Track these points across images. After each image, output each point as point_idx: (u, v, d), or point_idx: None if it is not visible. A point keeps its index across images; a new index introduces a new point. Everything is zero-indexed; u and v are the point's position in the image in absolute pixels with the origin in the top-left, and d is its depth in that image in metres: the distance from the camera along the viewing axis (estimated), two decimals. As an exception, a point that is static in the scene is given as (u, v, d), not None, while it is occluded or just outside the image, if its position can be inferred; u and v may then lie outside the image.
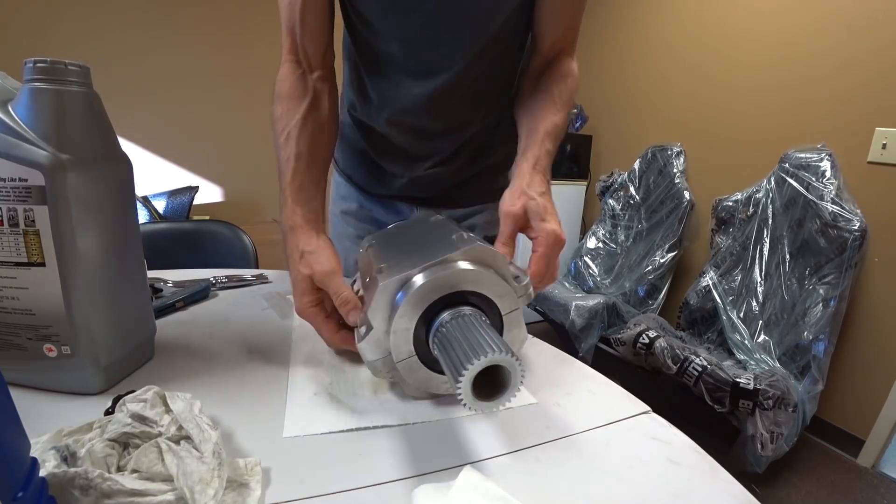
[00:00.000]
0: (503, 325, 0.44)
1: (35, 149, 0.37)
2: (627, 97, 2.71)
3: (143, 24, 2.27)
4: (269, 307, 0.70)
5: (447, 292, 0.41)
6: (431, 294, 0.40)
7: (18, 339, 0.41)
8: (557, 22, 0.68)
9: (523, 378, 0.34)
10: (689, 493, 0.36)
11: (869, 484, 1.66)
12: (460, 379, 0.33)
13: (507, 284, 0.43)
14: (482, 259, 0.42)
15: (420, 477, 0.36)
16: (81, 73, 0.40)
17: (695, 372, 1.60)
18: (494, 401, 0.35)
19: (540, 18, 0.67)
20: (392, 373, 0.43)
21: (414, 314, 0.41)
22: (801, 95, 1.91)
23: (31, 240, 0.38)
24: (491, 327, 0.38)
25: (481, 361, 0.32)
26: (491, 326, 0.38)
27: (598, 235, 2.65)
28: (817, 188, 1.75)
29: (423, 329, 0.41)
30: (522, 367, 0.34)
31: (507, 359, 0.33)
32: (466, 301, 0.41)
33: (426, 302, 0.40)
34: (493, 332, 0.36)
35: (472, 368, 0.32)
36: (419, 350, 0.42)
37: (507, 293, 0.43)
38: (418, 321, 0.41)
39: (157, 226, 1.36)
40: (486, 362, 0.32)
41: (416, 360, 0.42)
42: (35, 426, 0.32)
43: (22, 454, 0.24)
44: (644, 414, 0.47)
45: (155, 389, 0.36)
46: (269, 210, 2.78)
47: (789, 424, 1.49)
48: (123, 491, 0.27)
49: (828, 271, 1.69)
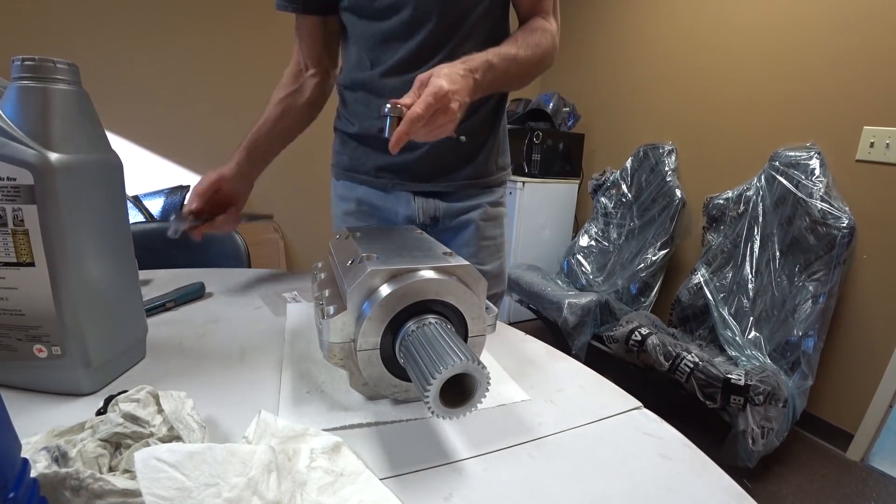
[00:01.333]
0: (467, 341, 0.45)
1: (23, 147, 0.37)
2: (619, 96, 2.72)
3: (134, 21, 2.25)
4: (262, 305, 0.69)
5: (432, 298, 0.41)
6: (420, 294, 0.41)
7: (8, 339, 0.41)
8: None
9: (489, 386, 0.35)
10: (680, 487, 0.37)
11: (858, 477, 1.68)
12: (429, 387, 0.33)
13: (482, 310, 0.44)
14: (468, 277, 0.43)
15: (414, 473, 0.36)
16: (70, 71, 0.40)
17: (686, 368, 1.62)
18: (460, 408, 0.36)
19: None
20: (346, 361, 0.43)
21: (398, 307, 0.41)
22: (791, 94, 1.93)
23: (20, 239, 0.38)
24: (458, 336, 0.39)
25: (449, 370, 0.33)
26: (458, 336, 0.39)
27: (591, 233, 2.66)
28: (806, 186, 1.77)
29: (391, 328, 0.42)
30: (488, 375, 0.35)
31: (474, 367, 0.34)
32: (437, 311, 0.42)
33: (414, 299, 0.41)
34: (460, 342, 0.37)
35: (439, 377, 0.33)
36: (383, 345, 0.42)
37: (480, 318, 0.45)
38: (392, 319, 0.41)
39: (148, 225, 1.35)
40: (454, 370, 0.33)
41: (377, 354, 0.42)
42: (26, 427, 0.32)
43: (13, 455, 0.23)
44: (636, 409, 0.47)
45: (148, 389, 0.36)
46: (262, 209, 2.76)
47: (780, 419, 1.51)
48: (115, 491, 0.27)
49: (817, 268, 1.71)
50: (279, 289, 0.77)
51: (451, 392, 0.36)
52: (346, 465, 0.34)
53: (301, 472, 0.33)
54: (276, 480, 0.29)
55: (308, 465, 0.33)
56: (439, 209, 0.84)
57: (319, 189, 0.92)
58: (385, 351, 0.42)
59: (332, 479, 0.33)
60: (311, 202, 2.52)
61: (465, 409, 0.36)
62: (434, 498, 0.34)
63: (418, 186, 0.83)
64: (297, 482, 0.32)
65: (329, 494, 0.32)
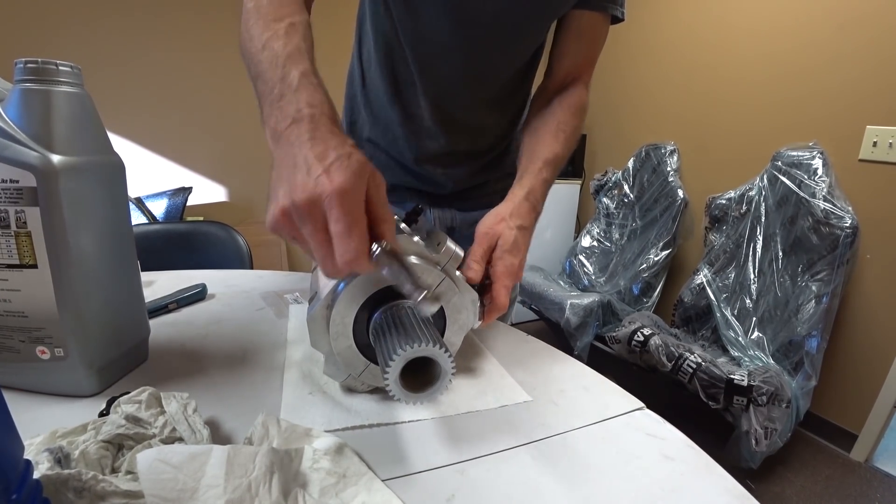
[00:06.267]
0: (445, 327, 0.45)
1: (26, 150, 0.37)
2: (621, 96, 2.71)
3: (137, 23, 2.25)
4: (264, 307, 0.70)
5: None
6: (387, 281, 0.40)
7: (11, 341, 0.41)
8: (578, 51, 0.68)
9: (453, 373, 0.35)
10: (683, 488, 0.36)
11: (862, 478, 1.67)
12: (389, 365, 0.33)
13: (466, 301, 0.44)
14: (452, 268, 0.43)
15: (416, 474, 0.36)
16: (72, 73, 0.40)
17: (689, 369, 1.61)
18: (423, 393, 0.35)
19: (561, 43, 0.68)
20: (318, 339, 0.43)
21: (373, 288, 0.41)
22: (793, 94, 1.92)
23: (22, 241, 0.38)
24: (432, 324, 0.38)
25: (411, 352, 0.33)
26: (429, 321, 0.39)
27: (593, 234, 2.66)
28: (809, 186, 1.76)
29: (366, 309, 0.42)
30: (454, 362, 0.34)
31: (439, 352, 0.33)
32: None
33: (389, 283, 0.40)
34: (431, 328, 0.37)
35: (401, 357, 0.33)
36: (357, 328, 0.42)
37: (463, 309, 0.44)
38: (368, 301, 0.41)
39: (150, 227, 1.35)
40: (417, 353, 0.33)
41: (349, 331, 0.42)
42: (29, 428, 0.32)
43: (16, 456, 0.23)
44: (639, 410, 0.47)
45: (150, 390, 0.36)
46: (263, 211, 2.76)
47: (783, 420, 1.50)
48: (117, 492, 0.27)
49: (820, 268, 1.70)
50: (281, 290, 0.77)
51: (419, 380, 0.35)
52: (349, 467, 0.34)
53: (303, 474, 0.33)
54: (278, 482, 0.29)
55: (310, 467, 0.33)
56: (455, 219, 0.82)
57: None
58: (361, 337, 0.42)
59: (335, 480, 0.33)
60: (313, 203, 2.52)
61: (426, 397, 0.35)
62: (436, 499, 0.34)
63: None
64: (299, 483, 0.32)
65: (332, 496, 0.32)
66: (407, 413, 0.44)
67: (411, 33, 0.66)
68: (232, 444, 0.31)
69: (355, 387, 0.46)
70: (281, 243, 2.70)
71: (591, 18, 0.66)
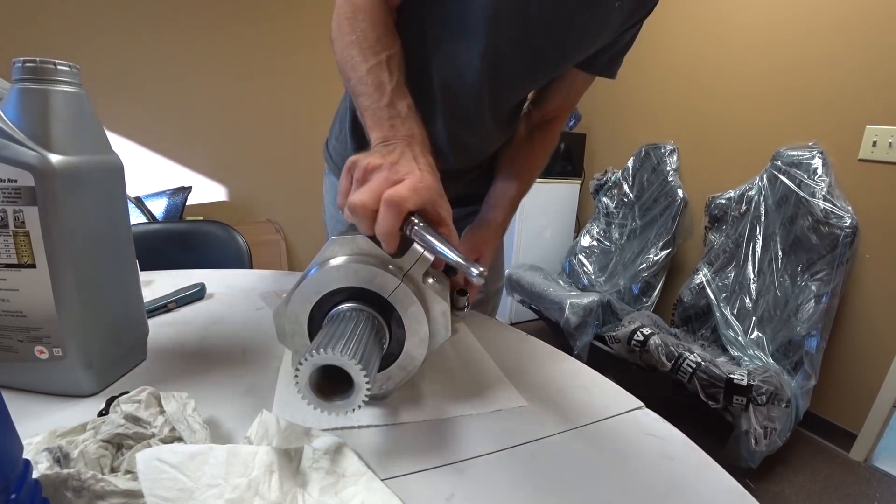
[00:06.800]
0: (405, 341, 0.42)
1: (24, 149, 0.37)
2: (621, 96, 2.71)
3: (136, 21, 2.25)
4: (263, 306, 0.69)
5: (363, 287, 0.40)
6: (345, 279, 0.40)
7: (9, 341, 0.41)
8: (566, 99, 0.77)
9: (368, 389, 0.33)
10: (683, 487, 0.36)
11: (861, 478, 1.67)
12: (298, 368, 0.32)
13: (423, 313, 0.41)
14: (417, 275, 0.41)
15: (415, 474, 0.36)
16: (71, 73, 0.40)
17: (689, 368, 1.61)
18: (332, 404, 0.34)
19: (551, 88, 0.75)
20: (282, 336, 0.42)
21: (329, 286, 0.40)
22: (793, 93, 1.93)
23: (21, 241, 0.38)
24: (374, 337, 0.37)
25: (318, 358, 0.31)
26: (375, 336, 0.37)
27: (593, 233, 2.66)
28: (809, 185, 1.76)
29: (322, 307, 0.41)
30: (370, 379, 0.32)
31: (347, 362, 0.32)
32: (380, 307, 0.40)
33: (341, 283, 0.40)
34: (369, 341, 0.35)
35: (310, 361, 0.32)
36: (312, 325, 0.41)
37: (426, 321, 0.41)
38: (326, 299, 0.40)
39: (150, 226, 1.35)
40: (322, 360, 0.32)
41: (303, 327, 0.41)
42: (28, 428, 0.32)
43: (15, 456, 0.23)
44: (638, 410, 0.47)
45: (149, 390, 0.36)
46: (262, 210, 2.77)
47: (783, 419, 1.50)
48: (117, 492, 0.27)
49: (820, 268, 1.70)
50: (281, 290, 0.77)
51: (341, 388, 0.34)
52: (348, 466, 0.34)
53: (303, 473, 0.33)
54: (277, 481, 0.29)
55: (310, 466, 0.33)
56: None
57: (321, 190, 0.92)
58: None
59: (334, 479, 0.33)
60: (313, 203, 2.51)
61: (334, 407, 0.34)
62: (436, 499, 0.34)
63: None
64: (298, 483, 0.32)
65: (331, 495, 0.32)
66: (404, 414, 0.44)
67: (443, 63, 0.66)
68: (231, 444, 0.31)
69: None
70: (280, 243, 2.70)
71: (587, 79, 0.73)
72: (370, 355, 0.35)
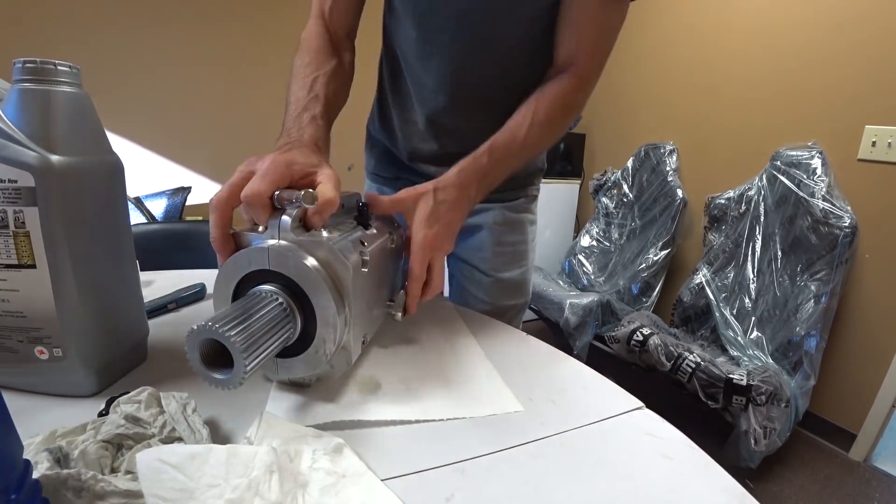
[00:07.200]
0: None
1: (24, 150, 0.37)
2: (620, 96, 2.72)
3: (136, 22, 2.24)
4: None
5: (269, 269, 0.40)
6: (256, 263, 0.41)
7: (9, 341, 0.41)
8: (570, 38, 0.65)
9: (247, 367, 0.32)
10: (682, 487, 0.36)
11: (861, 478, 1.68)
12: (188, 337, 0.32)
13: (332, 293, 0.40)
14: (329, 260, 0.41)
15: (416, 474, 0.36)
16: (71, 73, 0.40)
17: (688, 368, 1.61)
18: (216, 377, 0.33)
19: (555, 32, 0.66)
20: None
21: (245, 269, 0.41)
22: (792, 94, 1.93)
23: (21, 241, 0.38)
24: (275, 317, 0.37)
25: (203, 331, 0.32)
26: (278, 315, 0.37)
27: (592, 234, 2.66)
28: (808, 185, 1.76)
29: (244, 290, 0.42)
30: (248, 357, 0.32)
31: (223, 336, 0.32)
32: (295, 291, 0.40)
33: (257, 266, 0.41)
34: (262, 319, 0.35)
35: (197, 330, 0.32)
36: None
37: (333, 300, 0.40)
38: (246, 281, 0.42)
39: (149, 227, 1.35)
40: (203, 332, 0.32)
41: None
42: (28, 428, 0.32)
43: (15, 456, 0.23)
44: (637, 410, 0.47)
45: (150, 390, 0.36)
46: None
47: (782, 419, 1.50)
48: (117, 492, 0.27)
49: (819, 268, 1.70)
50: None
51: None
52: (349, 467, 0.34)
53: (303, 474, 0.33)
54: (277, 481, 0.29)
55: (310, 466, 0.33)
56: None
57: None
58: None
59: (335, 480, 0.33)
60: (313, 203, 2.52)
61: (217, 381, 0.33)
62: (436, 499, 0.34)
63: None
64: (298, 483, 0.32)
65: (331, 495, 0.32)
66: (403, 413, 0.44)
67: (401, 43, 0.71)
68: (231, 444, 0.31)
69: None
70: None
71: (580, 3, 0.63)
72: (258, 336, 0.34)
